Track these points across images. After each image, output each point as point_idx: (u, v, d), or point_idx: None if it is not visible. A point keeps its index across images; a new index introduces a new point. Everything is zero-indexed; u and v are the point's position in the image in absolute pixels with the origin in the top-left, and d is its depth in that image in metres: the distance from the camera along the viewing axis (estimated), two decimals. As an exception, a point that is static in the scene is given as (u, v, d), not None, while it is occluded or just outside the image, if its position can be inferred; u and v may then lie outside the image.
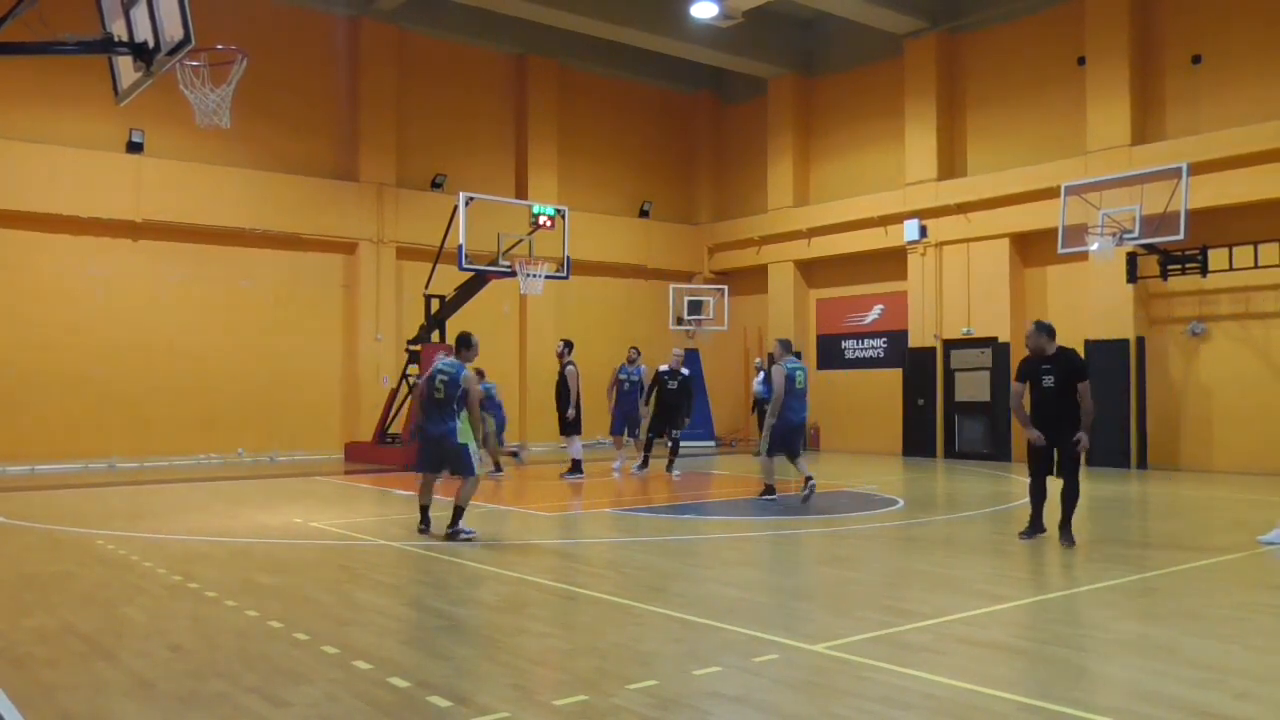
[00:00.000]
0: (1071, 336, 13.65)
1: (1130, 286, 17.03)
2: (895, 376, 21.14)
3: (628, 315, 23.70)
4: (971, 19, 20.08)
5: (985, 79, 19.97)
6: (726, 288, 23.40)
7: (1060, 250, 16.83)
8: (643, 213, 24.46)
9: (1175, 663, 5.14)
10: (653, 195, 24.74)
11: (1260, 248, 15.52)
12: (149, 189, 17.59)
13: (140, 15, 7.11)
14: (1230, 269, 15.94)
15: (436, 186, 21.00)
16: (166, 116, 16.53)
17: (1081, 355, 9.52)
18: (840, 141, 22.77)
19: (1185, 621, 6.10)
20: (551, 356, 16.24)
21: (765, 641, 5.50)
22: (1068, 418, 8.75)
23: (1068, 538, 8.73)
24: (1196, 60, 17.04)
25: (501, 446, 15.59)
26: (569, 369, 14.84)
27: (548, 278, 17.62)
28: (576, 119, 23.43)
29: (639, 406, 15.45)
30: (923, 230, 20.16)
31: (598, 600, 6.75)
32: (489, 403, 14.33)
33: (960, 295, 19.85)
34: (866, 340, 22.19)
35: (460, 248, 16.40)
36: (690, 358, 18.72)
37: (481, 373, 12.65)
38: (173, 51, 6.98)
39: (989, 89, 19.92)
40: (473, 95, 21.98)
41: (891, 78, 21.32)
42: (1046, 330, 8.97)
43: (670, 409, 15.42)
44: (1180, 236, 15.13)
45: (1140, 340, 17.29)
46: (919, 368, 20.44)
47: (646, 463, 15.77)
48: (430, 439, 9.23)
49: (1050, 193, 17.44)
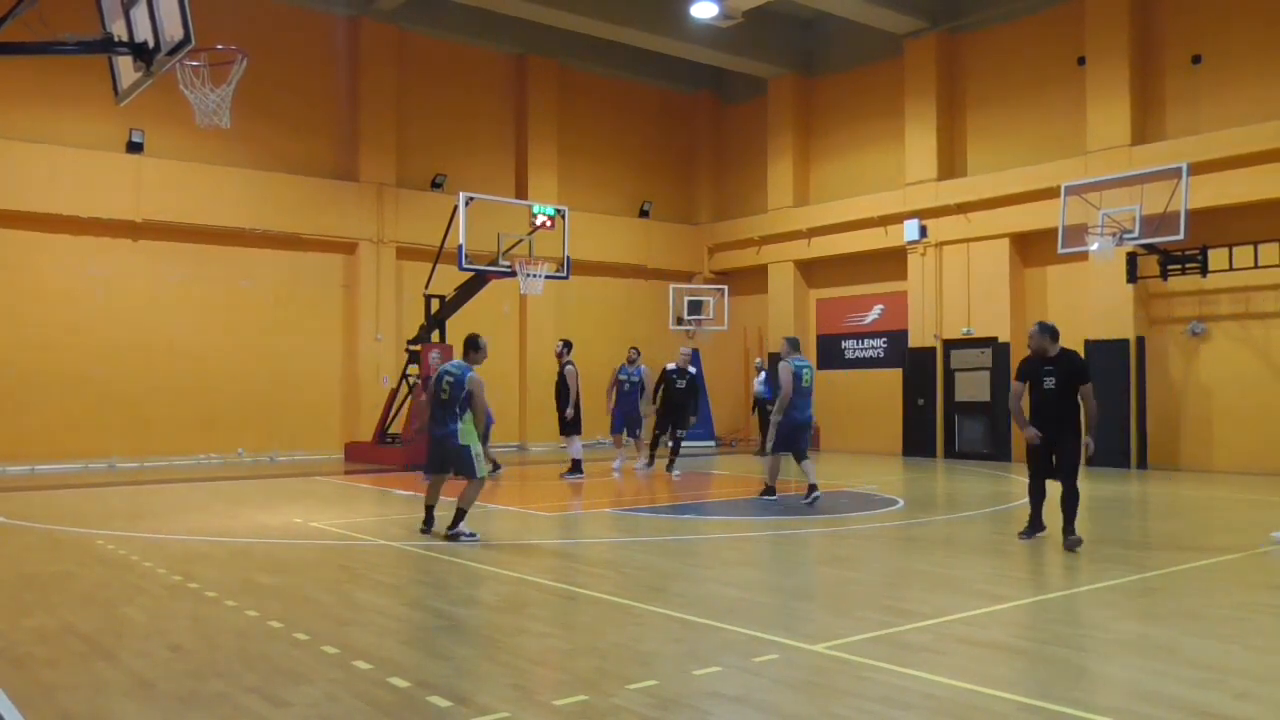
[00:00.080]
0: (1072, 336, 13.64)
1: (1130, 286, 17.04)
2: (895, 376, 21.14)
3: (628, 315, 23.69)
4: (971, 19, 20.08)
5: (985, 79, 19.97)
6: (726, 288, 23.39)
7: (1060, 250, 16.84)
8: (643, 213, 24.46)
9: (1175, 663, 5.14)
10: (653, 195, 24.74)
11: (1260, 248, 15.52)
12: (149, 189, 17.59)
13: (140, 15, 7.12)
14: (1230, 269, 15.94)
15: (436, 186, 21.00)
16: (166, 116, 16.53)
17: (1083, 356, 9.50)
18: (840, 141, 22.77)
19: (1185, 621, 6.10)
20: (551, 356, 16.23)
21: (765, 641, 5.50)
22: (1067, 420, 8.73)
23: (1074, 540, 8.54)
24: (1196, 60, 17.03)
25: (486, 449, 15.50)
26: (568, 369, 14.84)
27: (548, 278, 17.60)
28: (576, 119, 23.43)
29: (639, 407, 15.45)
30: (923, 230, 20.15)
31: (598, 600, 6.75)
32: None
33: (960, 295, 19.85)
34: (866, 340, 22.19)
35: (460, 248, 16.38)
36: (691, 358, 18.70)
37: None
38: (173, 51, 6.98)
39: (989, 89, 19.91)
40: (473, 95, 21.98)
41: (891, 78, 21.32)
42: (1050, 331, 8.92)
43: (678, 408, 15.42)
44: (1180, 236, 15.13)
45: (1140, 340, 17.29)
46: (919, 368, 20.44)
47: (653, 460, 15.76)
48: (434, 440, 9.33)
49: (1050, 193, 17.44)
